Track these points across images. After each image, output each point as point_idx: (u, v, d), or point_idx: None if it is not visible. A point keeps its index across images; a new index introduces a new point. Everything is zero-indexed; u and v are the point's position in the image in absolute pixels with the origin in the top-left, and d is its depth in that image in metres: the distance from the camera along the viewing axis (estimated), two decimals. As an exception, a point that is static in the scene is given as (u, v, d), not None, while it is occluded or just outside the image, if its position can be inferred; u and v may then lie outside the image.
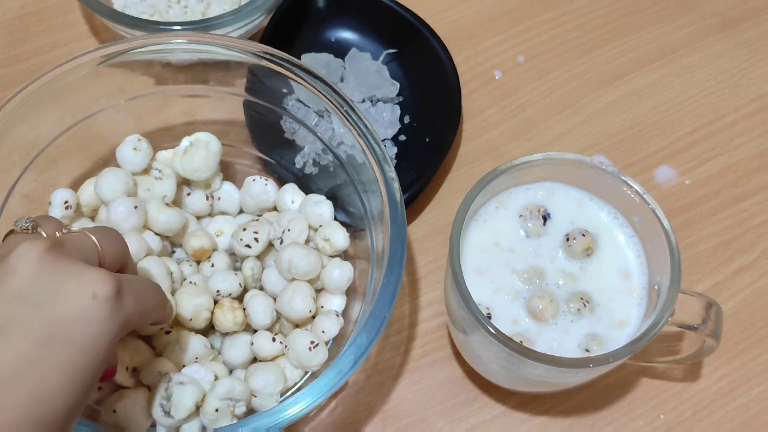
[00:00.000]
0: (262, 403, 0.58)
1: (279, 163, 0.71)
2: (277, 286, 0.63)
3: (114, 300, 0.42)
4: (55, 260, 0.41)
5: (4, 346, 0.38)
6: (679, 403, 0.67)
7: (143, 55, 0.63)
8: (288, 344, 0.60)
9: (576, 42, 0.86)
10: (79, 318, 0.40)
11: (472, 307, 0.54)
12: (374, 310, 0.54)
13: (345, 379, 0.52)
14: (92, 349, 0.40)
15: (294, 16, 0.80)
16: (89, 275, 0.41)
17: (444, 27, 0.83)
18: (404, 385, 0.67)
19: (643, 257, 0.60)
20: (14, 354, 0.38)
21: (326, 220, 0.64)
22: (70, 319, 0.40)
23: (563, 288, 0.59)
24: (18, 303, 0.39)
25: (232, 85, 0.68)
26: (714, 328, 0.56)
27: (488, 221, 0.61)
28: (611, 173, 0.60)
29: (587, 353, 0.56)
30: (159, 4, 0.79)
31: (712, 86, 0.84)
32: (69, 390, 0.39)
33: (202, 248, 0.63)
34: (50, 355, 0.39)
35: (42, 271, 0.40)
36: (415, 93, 0.79)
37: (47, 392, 0.39)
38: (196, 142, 0.66)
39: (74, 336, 0.40)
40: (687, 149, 0.79)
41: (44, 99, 0.60)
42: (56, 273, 0.40)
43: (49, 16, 0.86)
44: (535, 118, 0.81)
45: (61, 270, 0.41)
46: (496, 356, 0.57)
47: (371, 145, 0.60)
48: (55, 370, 0.39)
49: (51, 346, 0.39)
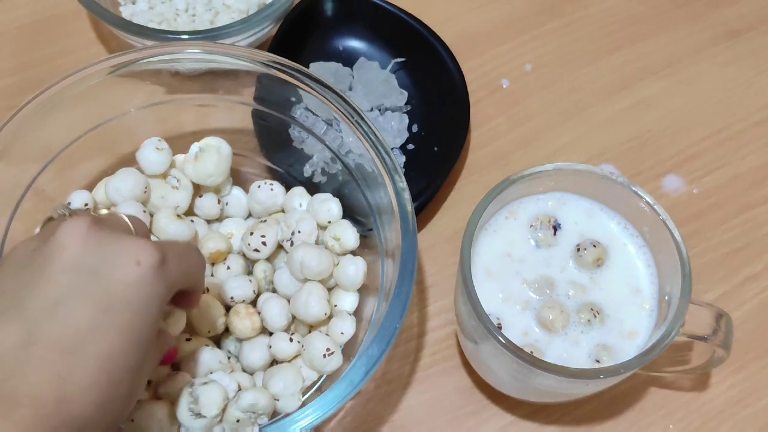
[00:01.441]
0: (285, 405, 0.58)
1: (287, 171, 0.71)
2: (289, 287, 0.63)
3: (158, 266, 0.44)
4: (99, 232, 0.43)
5: (71, 314, 0.41)
6: (688, 413, 0.67)
7: (152, 64, 0.63)
8: (305, 345, 0.60)
9: (583, 51, 0.86)
10: (131, 283, 0.43)
11: (482, 317, 0.54)
12: (385, 321, 0.54)
13: (356, 390, 0.52)
14: (145, 312, 0.44)
15: (302, 25, 0.80)
16: (133, 244, 0.44)
17: (451, 36, 0.83)
18: (413, 395, 0.67)
19: (654, 268, 0.60)
20: (81, 321, 0.41)
21: (335, 217, 0.64)
22: (124, 285, 0.43)
23: (573, 298, 0.59)
24: (74, 274, 0.42)
25: (240, 94, 0.68)
26: (724, 338, 0.56)
27: (498, 231, 0.61)
28: (621, 183, 0.60)
29: (597, 364, 0.56)
30: (167, 12, 0.79)
31: (719, 95, 0.84)
32: (131, 350, 0.43)
33: (219, 251, 0.64)
34: (111, 320, 0.42)
35: (90, 242, 0.43)
36: (423, 102, 0.80)
37: (113, 353, 0.42)
38: (206, 147, 0.66)
39: (129, 300, 0.43)
40: (694, 158, 0.79)
41: (55, 108, 0.60)
42: (102, 244, 0.43)
43: (58, 24, 0.86)
44: (542, 127, 0.81)
45: (106, 241, 0.43)
46: (507, 366, 0.57)
47: (381, 155, 0.60)
48: (118, 332, 0.42)
49: (110, 312, 0.42)
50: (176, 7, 0.80)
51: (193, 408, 0.54)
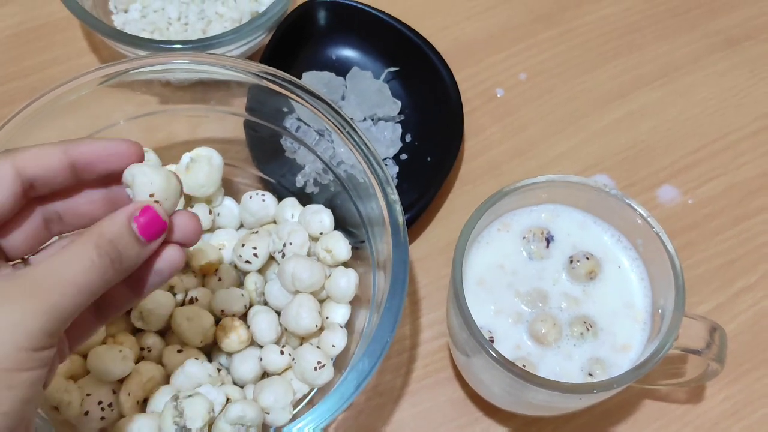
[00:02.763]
0: (276, 418, 0.58)
1: (279, 182, 0.71)
2: (279, 299, 0.62)
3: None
4: None
5: None
6: (683, 425, 0.66)
7: (143, 74, 0.63)
8: (296, 357, 0.60)
9: (578, 60, 0.86)
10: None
11: (474, 331, 0.54)
12: (376, 334, 0.53)
13: (347, 403, 0.51)
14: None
15: (295, 35, 0.80)
16: None
17: (445, 45, 0.82)
18: (405, 407, 0.67)
19: (647, 280, 0.60)
20: None
21: (326, 228, 0.64)
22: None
23: (566, 311, 0.58)
24: None
25: (232, 105, 0.68)
26: (718, 352, 0.56)
27: (491, 243, 0.61)
28: (615, 196, 0.59)
29: (590, 377, 0.56)
30: (159, 21, 0.79)
31: (715, 105, 0.83)
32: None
33: (210, 263, 0.63)
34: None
35: None
36: (417, 111, 0.79)
37: None
38: (197, 158, 0.65)
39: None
40: (690, 169, 0.79)
41: (44, 118, 0.60)
42: None
43: (48, 33, 0.85)
44: (536, 137, 0.81)
45: None
46: (499, 380, 0.56)
47: (373, 166, 0.60)
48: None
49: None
50: (168, 16, 0.80)
51: (178, 421, 0.53)
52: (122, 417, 0.57)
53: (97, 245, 0.42)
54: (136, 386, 0.57)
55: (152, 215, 0.45)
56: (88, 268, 0.41)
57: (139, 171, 0.45)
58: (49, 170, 0.45)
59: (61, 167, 0.45)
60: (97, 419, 0.56)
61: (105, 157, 0.46)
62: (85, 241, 0.42)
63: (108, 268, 0.42)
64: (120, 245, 0.43)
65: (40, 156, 0.45)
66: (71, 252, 0.41)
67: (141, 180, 0.45)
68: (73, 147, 0.45)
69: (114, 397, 0.57)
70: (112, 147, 0.47)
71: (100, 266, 0.42)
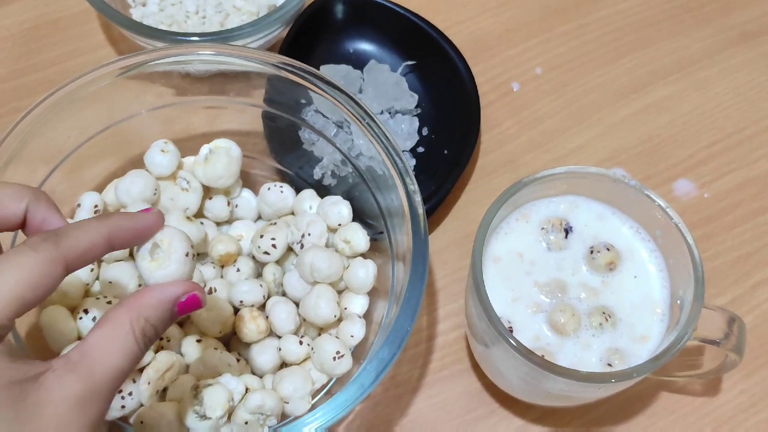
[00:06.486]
0: (295, 408, 0.58)
1: (297, 174, 0.71)
2: (298, 290, 0.63)
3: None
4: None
5: None
6: (699, 417, 0.66)
7: (162, 66, 0.63)
8: (314, 347, 0.60)
9: (594, 54, 0.86)
10: None
11: (494, 320, 0.54)
12: (396, 324, 0.54)
13: (366, 393, 0.51)
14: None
15: (312, 28, 0.80)
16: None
17: (462, 39, 0.83)
18: (422, 398, 0.67)
19: (666, 272, 0.60)
20: None
21: (345, 219, 0.64)
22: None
23: (585, 302, 0.59)
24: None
25: (250, 96, 0.68)
26: (737, 343, 0.56)
27: (510, 234, 0.61)
28: (634, 187, 0.59)
29: (609, 368, 0.56)
30: (177, 14, 0.79)
31: (730, 99, 0.83)
32: None
33: (228, 253, 0.63)
34: None
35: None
36: (434, 105, 0.79)
37: None
38: (216, 149, 0.66)
39: None
40: (706, 162, 0.79)
41: (65, 110, 0.60)
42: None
43: (67, 26, 0.86)
44: (552, 131, 0.81)
45: None
46: (517, 370, 0.56)
47: (392, 157, 0.60)
48: None
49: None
50: (186, 9, 0.80)
51: (198, 410, 0.54)
52: (142, 406, 0.57)
53: (143, 332, 0.43)
54: (155, 375, 0.57)
55: (195, 301, 0.46)
56: (130, 354, 0.42)
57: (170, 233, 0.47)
58: (91, 261, 0.44)
59: (102, 254, 0.45)
60: (117, 408, 0.56)
61: (140, 235, 0.47)
62: (125, 322, 0.42)
63: (146, 348, 0.43)
64: (160, 328, 0.44)
65: (88, 253, 0.43)
66: (113, 336, 0.42)
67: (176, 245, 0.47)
68: (116, 235, 0.45)
69: (134, 386, 0.57)
70: (143, 221, 0.47)
71: (142, 350, 0.43)
